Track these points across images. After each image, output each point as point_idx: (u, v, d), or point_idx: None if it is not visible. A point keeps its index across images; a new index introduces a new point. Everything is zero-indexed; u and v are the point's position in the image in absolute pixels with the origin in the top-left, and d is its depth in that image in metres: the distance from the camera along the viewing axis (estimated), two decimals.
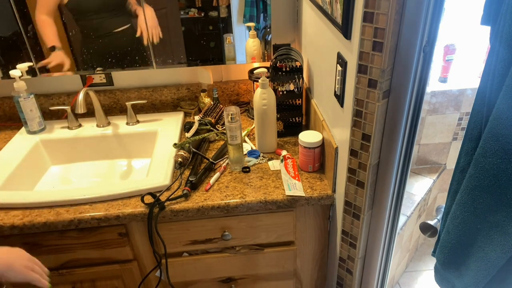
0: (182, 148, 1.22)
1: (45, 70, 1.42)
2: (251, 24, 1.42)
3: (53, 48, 1.37)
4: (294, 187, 1.10)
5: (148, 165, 1.23)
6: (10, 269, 0.80)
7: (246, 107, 1.56)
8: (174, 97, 1.54)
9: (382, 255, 1.01)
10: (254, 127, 1.31)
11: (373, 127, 0.82)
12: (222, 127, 1.41)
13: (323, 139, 1.12)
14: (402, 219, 1.74)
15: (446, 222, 0.83)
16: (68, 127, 1.40)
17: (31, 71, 1.41)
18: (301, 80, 1.27)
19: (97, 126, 1.40)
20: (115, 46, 1.40)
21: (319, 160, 1.15)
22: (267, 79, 1.18)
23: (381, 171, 0.88)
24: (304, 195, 1.07)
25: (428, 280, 2.00)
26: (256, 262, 1.22)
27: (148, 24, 1.37)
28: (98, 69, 1.45)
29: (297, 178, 1.13)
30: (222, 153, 1.26)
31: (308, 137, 1.12)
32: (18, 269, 0.81)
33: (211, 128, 1.35)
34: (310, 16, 1.21)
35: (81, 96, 1.25)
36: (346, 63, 0.86)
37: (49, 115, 1.51)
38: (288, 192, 1.08)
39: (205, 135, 1.31)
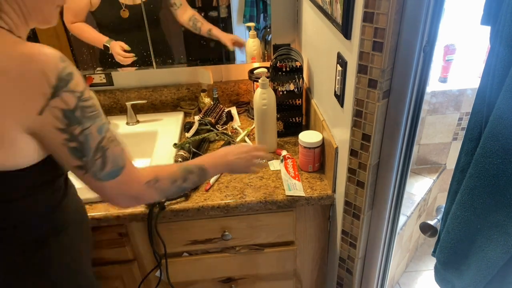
0: (182, 148, 1.22)
1: None
2: (251, 24, 1.42)
3: (108, 42, 1.39)
4: (294, 187, 1.10)
5: (148, 165, 1.23)
6: (233, 170, 0.95)
7: (246, 107, 1.56)
8: (174, 97, 1.54)
9: (382, 255, 1.01)
10: (254, 127, 1.31)
11: (373, 127, 0.82)
12: (222, 127, 1.41)
13: (323, 139, 1.12)
14: (402, 219, 1.74)
15: (446, 222, 0.83)
16: None
17: None
18: (301, 80, 1.27)
19: None
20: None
21: (319, 160, 1.15)
22: (267, 79, 1.18)
23: (381, 171, 0.88)
24: (304, 195, 1.07)
25: (428, 280, 2.00)
26: (256, 262, 1.22)
27: None
28: (98, 69, 1.45)
29: (297, 178, 1.13)
30: None
31: (308, 137, 1.12)
32: (238, 168, 0.94)
33: (211, 128, 1.35)
34: (310, 16, 1.21)
35: None
36: (346, 63, 0.86)
37: None
38: (288, 192, 1.08)
39: (205, 135, 1.31)
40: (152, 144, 1.34)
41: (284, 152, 1.25)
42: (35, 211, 0.67)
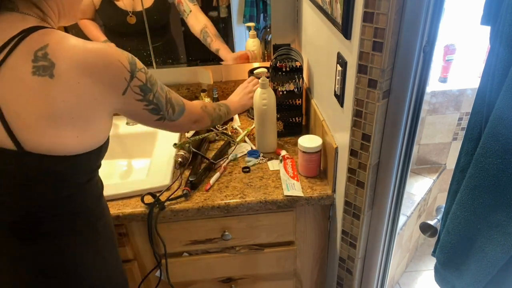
0: (182, 148, 1.22)
1: None
2: (251, 24, 1.42)
3: (105, 42, 1.43)
4: (292, 187, 1.10)
5: (148, 165, 1.23)
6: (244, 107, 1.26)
7: None
8: None
9: (382, 255, 1.01)
10: (254, 127, 1.31)
11: (373, 127, 0.82)
12: (222, 127, 1.41)
13: (322, 143, 1.11)
14: (402, 219, 1.74)
15: (446, 222, 0.83)
16: None
17: None
18: (301, 80, 1.27)
19: None
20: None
21: (319, 165, 1.14)
22: (267, 79, 1.18)
23: (381, 171, 0.88)
24: (302, 195, 1.07)
25: (428, 280, 2.00)
26: (256, 262, 1.22)
27: None
28: None
29: (296, 178, 1.13)
30: (222, 153, 1.26)
31: (308, 142, 1.10)
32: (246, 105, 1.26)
33: (211, 128, 1.35)
34: (310, 16, 1.21)
35: None
36: (346, 63, 0.86)
37: None
38: (286, 192, 1.08)
39: (205, 135, 1.31)
40: (152, 144, 1.34)
41: (283, 152, 1.24)
42: (92, 195, 0.78)
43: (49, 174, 0.67)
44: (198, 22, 1.40)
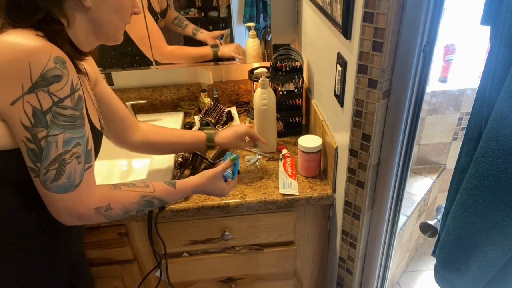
0: None
1: None
2: (251, 24, 1.42)
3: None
4: (289, 186, 1.09)
5: (148, 165, 1.23)
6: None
7: (246, 107, 1.56)
8: (174, 97, 1.54)
9: (382, 255, 1.01)
10: (254, 127, 1.31)
11: (373, 127, 0.82)
12: (222, 127, 1.41)
13: (322, 143, 1.11)
14: (402, 219, 1.74)
15: (446, 222, 0.83)
16: None
17: None
18: (301, 80, 1.27)
19: None
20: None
21: (319, 165, 1.14)
22: (267, 79, 1.18)
23: (381, 171, 0.88)
24: (297, 194, 1.07)
25: (428, 280, 2.00)
26: (256, 262, 1.22)
27: None
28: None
29: (293, 177, 1.13)
30: (222, 153, 1.26)
31: (308, 142, 1.11)
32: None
33: (211, 128, 1.35)
34: (310, 16, 1.21)
35: None
36: (346, 63, 0.86)
37: None
38: (282, 190, 1.08)
39: None
40: None
41: (284, 151, 1.24)
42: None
43: None
44: (170, 11, 1.40)
